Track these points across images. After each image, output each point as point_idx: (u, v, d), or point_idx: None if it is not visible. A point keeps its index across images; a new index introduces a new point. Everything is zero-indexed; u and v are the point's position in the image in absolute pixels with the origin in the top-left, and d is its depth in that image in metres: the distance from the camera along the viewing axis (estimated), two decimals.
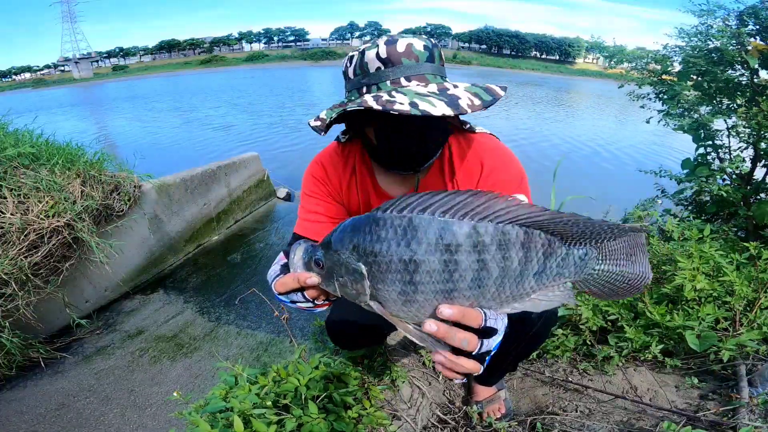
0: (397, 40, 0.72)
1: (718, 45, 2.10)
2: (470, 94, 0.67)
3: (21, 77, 79.64)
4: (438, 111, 0.62)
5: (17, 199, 2.11)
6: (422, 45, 0.72)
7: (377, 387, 1.15)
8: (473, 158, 0.90)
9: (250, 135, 10.03)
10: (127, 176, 2.76)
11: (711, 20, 2.16)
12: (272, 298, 0.78)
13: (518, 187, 0.89)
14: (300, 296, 0.63)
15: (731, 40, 2.03)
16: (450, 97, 0.65)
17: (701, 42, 2.22)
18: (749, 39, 2.01)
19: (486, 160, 0.90)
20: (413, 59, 0.71)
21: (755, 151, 2.22)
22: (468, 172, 0.90)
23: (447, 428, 1.18)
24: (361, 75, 0.75)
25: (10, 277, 1.95)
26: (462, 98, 0.66)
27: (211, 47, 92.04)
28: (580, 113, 16.85)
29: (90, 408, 1.87)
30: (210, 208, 3.67)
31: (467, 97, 0.66)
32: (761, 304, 1.43)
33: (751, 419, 1.04)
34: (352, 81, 0.77)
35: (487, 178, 0.89)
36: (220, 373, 0.97)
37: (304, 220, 0.95)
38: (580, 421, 1.18)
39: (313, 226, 0.94)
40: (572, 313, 1.50)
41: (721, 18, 2.12)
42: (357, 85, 0.76)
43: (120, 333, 2.44)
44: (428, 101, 0.63)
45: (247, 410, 0.81)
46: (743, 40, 2.01)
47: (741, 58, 2.03)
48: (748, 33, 2.01)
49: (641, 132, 11.12)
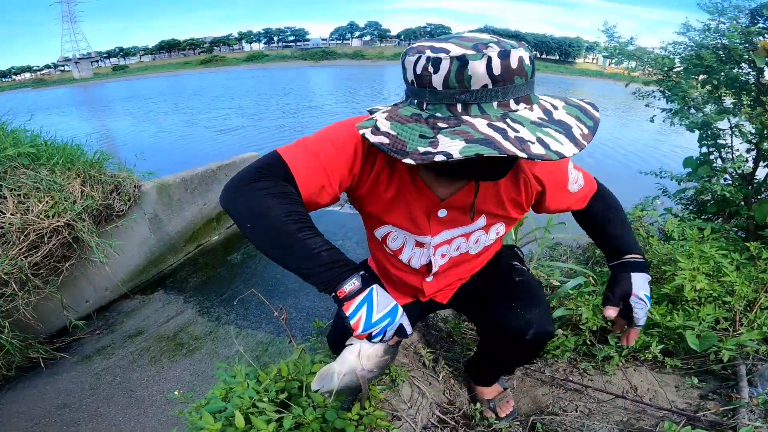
0: (509, 52, 0.57)
1: (727, 43, 2.09)
2: (574, 120, 0.60)
3: (21, 77, 79.69)
4: (568, 150, 0.56)
5: (17, 199, 2.11)
6: (529, 58, 0.59)
7: (377, 387, 1.15)
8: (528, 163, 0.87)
9: (250, 135, 10.04)
10: (127, 176, 2.76)
11: (722, 18, 2.14)
12: (271, 298, 0.77)
13: (567, 166, 0.91)
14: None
15: (740, 38, 2.02)
16: (564, 128, 0.58)
17: (710, 39, 2.20)
18: (758, 38, 2.00)
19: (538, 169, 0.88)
20: (524, 77, 0.58)
21: (758, 151, 2.22)
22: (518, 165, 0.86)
23: (447, 428, 1.18)
24: (457, 89, 0.58)
25: (10, 277, 1.95)
26: (573, 128, 0.59)
27: (211, 47, 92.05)
28: None
29: (90, 408, 1.87)
30: (210, 208, 3.67)
31: (576, 125, 0.60)
32: (761, 304, 1.43)
33: (751, 419, 1.04)
34: (440, 93, 0.60)
35: (543, 167, 0.87)
36: (218, 373, 0.96)
37: (315, 164, 0.73)
38: (580, 421, 1.18)
39: (317, 179, 0.73)
40: (572, 313, 1.50)
41: (732, 16, 2.10)
42: (449, 99, 0.59)
43: (120, 333, 2.44)
44: (551, 137, 0.57)
45: (247, 406, 0.81)
46: (752, 38, 1.99)
47: (749, 57, 2.02)
48: (758, 31, 2.00)
49: (642, 131, 11.12)
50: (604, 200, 1.01)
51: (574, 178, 0.93)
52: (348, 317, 0.68)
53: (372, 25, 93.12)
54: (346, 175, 0.77)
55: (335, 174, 0.75)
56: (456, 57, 0.57)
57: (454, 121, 0.59)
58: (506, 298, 1.02)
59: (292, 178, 0.71)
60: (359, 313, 0.68)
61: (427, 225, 0.88)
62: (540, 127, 0.57)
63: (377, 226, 0.91)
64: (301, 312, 2.66)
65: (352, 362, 0.70)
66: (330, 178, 0.74)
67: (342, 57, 77.20)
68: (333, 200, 0.79)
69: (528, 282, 1.06)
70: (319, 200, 0.76)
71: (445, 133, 0.58)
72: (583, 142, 0.58)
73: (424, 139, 0.59)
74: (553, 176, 0.89)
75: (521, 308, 0.97)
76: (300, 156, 0.73)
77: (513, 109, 0.59)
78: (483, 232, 0.94)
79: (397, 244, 0.94)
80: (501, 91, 0.58)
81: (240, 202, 0.70)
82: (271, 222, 0.67)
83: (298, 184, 0.72)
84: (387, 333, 0.70)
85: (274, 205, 0.67)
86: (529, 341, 0.96)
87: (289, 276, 3.26)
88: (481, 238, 0.95)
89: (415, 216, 0.86)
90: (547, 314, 0.99)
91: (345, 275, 0.67)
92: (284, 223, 0.66)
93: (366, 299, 0.68)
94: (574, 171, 0.94)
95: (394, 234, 0.91)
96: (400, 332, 0.72)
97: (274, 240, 0.68)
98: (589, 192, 0.99)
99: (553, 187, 0.90)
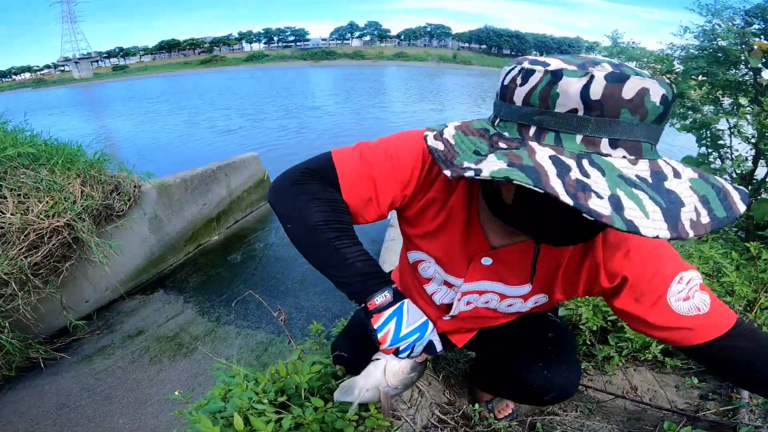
0: (627, 77, 0.42)
1: (724, 45, 2.10)
2: (696, 200, 0.43)
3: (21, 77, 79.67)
4: (650, 232, 0.39)
5: (17, 199, 2.11)
6: (661, 95, 0.43)
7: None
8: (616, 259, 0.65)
9: (250, 135, 10.04)
10: (127, 176, 2.77)
11: (717, 20, 2.14)
12: (271, 298, 0.77)
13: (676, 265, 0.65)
14: None
15: (736, 40, 2.03)
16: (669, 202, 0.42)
17: (706, 41, 2.21)
18: (754, 39, 2.01)
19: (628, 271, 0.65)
20: (638, 116, 0.43)
21: (756, 151, 2.22)
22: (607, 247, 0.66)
23: (447, 428, 1.18)
24: (537, 107, 0.47)
25: (10, 277, 1.95)
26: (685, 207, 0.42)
27: (211, 47, 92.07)
28: None
29: (90, 408, 1.87)
30: (210, 208, 3.67)
31: (693, 206, 0.42)
32: (761, 304, 1.43)
33: (751, 419, 1.04)
34: (516, 108, 0.50)
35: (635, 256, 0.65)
36: (217, 373, 0.96)
37: (365, 174, 0.67)
38: (580, 421, 1.18)
39: (364, 191, 0.68)
40: (572, 313, 1.50)
41: (727, 18, 2.11)
42: (524, 119, 0.49)
43: (120, 333, 2.44)
44: (637, 201, 0.41)
45: (246, 407, 0.81)
46: (748, 40, 2.00)
47: (745, 58, 2.03)
48: (753, 33, 2.01)
49: None
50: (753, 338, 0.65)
51: (681, 291, 0.64)
52: (376, 330, 0.65)
53: (372, 25, 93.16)
54: (398, 194, 0.70)
55: (385, 191, 0.68)
56: (552, 71, 0.45)
57: (516, 144, 0.48)
58: (535, 356, 0.90)
59: (338, 185, 0.67)
60: (388, 326, 0.65)
61: (464, 268, 0.78)
62: (628, 186, 0.42)
63: (413, 249, 0.83)
64: (301, 312, 2.66)
65: (377, 378, 0.68)
66: (378, 194, 0.68)
67: (342, 57, 77.22)
68: (379, 217, 0.73)
69: (560, 338, 0.93)
70: (364, 213, 0.71)
71: (498, 154, 0.47)
72: (689, 231, 0.40)
73: (476, 155, 0.50)
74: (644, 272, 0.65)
75: (549, 370, 0.87)
76: (352, 163, 0.68)
77: (602, 152, 0.44)
78: (521, 301, 0.79)
79: (427, 274, 0.85)
80: (594, 122, 0.43)
81: (283, 202, 0.68)
82: (308, 228, 0.65)
83: (343, 193, 0.68)
84: (415, 348, 0.67)
85: (315, 211, 0.65)
86: (547, 401, 0.90)
87: (289, 276, 3.27)
88: (515, 304, 0.80)
89: (454, 255, 0.77)
90: (574, 375, 0.90)
91: (377, 287, 0.65)
92: (321, 231, 0.65)
93: (396, 312, 0.66)
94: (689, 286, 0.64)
95: (426, 264, 0.82)
96: (429, 349, 0.68)
97: (311, 246, 0.67)
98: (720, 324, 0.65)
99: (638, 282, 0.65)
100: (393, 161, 0.67)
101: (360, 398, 0.68)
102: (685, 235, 0.41)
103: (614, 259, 0.65)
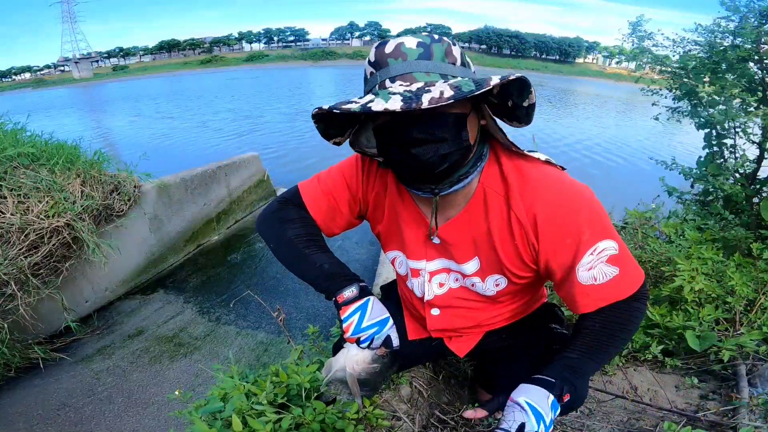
0: (387, 41, 0.65)
1: (738, 42, 2.09)
2: (446, 88, 0.55)
3: (21, 77, 79.61)
4: (378, 107, 0.55)
5: (17, 199, 2.11)
6: (415, 42, 0.63)
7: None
8: (524, 197, 0.70)
9: (250, 135, 10.04)
10: (126, 176, 2.77)
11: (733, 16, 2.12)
12: (271, 298, 0.79)
13: (592, 235, 0.68)
14: None
15: (750, 38, 2.01)
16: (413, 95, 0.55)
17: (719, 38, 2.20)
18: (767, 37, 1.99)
19: (538, 207, 0.69)
20: (400, 58, 0.63)
21: (761, 151, 2.22)
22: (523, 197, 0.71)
23: (447, 428, 1.18)
24: (365, 82, 0.69)
25: (9, 277, 1.95)
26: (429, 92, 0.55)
27: (211, 47, 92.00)
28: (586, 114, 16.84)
29: (90, 408, 1.87)
30: (210, 208, 3.67)
31: (438, 92, 0.54)
32: (761, 304, 1.43)
33: (751, 419, 1.04)
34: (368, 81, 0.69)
35: (544, 227, 0.69)
36: (217, 374, 0.96)
37: (320, 191, 0.86)
38: (580, 421, 1.18)
39: (324, 204, 0.86)
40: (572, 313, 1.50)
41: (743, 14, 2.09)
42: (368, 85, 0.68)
43: (120, 333, 2.44)
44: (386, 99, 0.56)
45: (245, 409, 0.81)
46: (762, 38, 1.99)
47: (758, 57, 2.02)
48: (766, 31, 1.99)
49: (642, 130, 11.12)
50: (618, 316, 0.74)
51: (590, 261, 0.69)
52: (342, 320, 0.76)
53: (372, 25, 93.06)
54: (352, 198, 0.86)
55: (341, 197, 0.86)
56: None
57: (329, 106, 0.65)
58: (538, 363, 0.87)
59: (305, 206, 0.86)
60: (352, 318, 0.75)
61: (421, 249, 0.84)
62: (388, 95, 0.57)
63: (387, 250, 0.92)
64: (301, 312, 2.66)
65: (341, 362, 0.77)
66: (337, 202, 0.86)
67: (342, 57, 77.16)
68: (348, 224, 0.90)
69: None
70: (331, 224, 0.88)
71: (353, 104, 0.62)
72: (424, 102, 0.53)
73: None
74: (556, 227, 0.69)
75: None
76: (312, 186, 0.87)
77: (386, 87, 0.63)
78: (479, 279, 0.81)
79: (402, 270, 0.91)
80: (379, 74, 0.65)
81: (265, 227, 0.88)
82: (284, 243, 0.83)
83: (310, 211, 0.86)
84: (374, 341, 0.76)
85: (288, 229, 0.84)
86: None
87: (289, 276, 3.27)
88: (476, 284, 0.82)
89: (411, 242, 0.84)
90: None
91: (344, 284, 0.77)
92: (294, 245, 0.82)
93: (360, 307, 0.76)
94: (603, 257, 0.69)
95: (399, 259, 0.90)
96: (387, 343, 0.77)
97: (289, 258, 0.84)
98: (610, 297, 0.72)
99: (549, 241, 0.70)
100: (341, 172, 0.86)
101: (332, 376, 0.78)
102: (417, 106, 0.53)
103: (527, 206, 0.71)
